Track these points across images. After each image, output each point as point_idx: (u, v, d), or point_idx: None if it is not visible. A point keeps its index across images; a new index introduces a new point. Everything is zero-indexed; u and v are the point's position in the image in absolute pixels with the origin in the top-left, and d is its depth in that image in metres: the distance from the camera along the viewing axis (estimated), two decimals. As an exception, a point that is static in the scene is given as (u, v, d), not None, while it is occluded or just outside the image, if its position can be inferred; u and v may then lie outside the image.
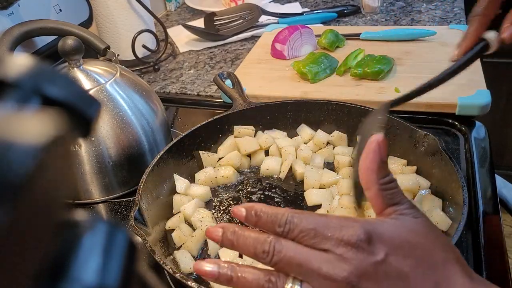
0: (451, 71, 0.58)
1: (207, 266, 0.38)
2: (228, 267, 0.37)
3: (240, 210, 0.39)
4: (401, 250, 0.35)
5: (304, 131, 0.80)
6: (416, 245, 0.36)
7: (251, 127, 0.79)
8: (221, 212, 0.70)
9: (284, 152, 0.76)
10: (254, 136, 0.80)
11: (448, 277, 0.36)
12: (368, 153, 0.39)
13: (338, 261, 0.34)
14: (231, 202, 0.72)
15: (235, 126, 0.79)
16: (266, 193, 0.72)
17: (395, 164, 0.71)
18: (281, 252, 0.36)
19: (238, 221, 0.56)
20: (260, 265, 0.38)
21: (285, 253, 0.36)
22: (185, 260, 0.61)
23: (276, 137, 0.80)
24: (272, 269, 0.37)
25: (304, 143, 0.79)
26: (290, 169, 0.75)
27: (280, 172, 0.75)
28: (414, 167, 0.70)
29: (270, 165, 0.75)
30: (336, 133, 0.79)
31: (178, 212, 0.69)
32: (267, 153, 0.79)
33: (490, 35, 0.56)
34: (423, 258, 0.36)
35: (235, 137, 0.79)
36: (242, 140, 0.77)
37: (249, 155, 0.79)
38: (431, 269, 0.36)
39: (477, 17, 0.57)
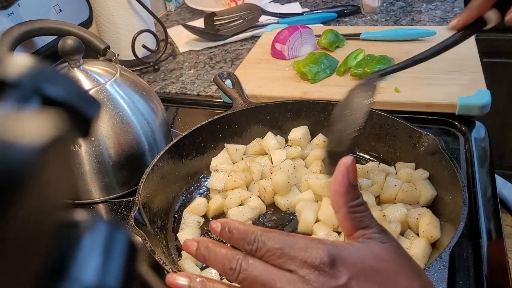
0: (448, 44, 0.62)
1: (180, 280, 0.40)
2: (199, 282, 0.39)
3: (217, 225, 0.41)
4: (363, 275, 0.36)
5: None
6: (379, 271, 0.37)
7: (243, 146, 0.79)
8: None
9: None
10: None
11: None
12: (337, 176, 0.39)
13: (301, 283, 0.35)
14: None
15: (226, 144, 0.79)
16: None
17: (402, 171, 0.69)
18: (247, 270, 0.37)
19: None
20: None
21: (251, 271, 0.37)
22: (191, 268, 0.60)
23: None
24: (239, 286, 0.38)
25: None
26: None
27: None
28: (427, 173, 0.67)
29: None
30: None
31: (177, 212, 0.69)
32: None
33: (492, 15, 0.55)
34: (385, 284, 0.36)
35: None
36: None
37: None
38: None
39: None
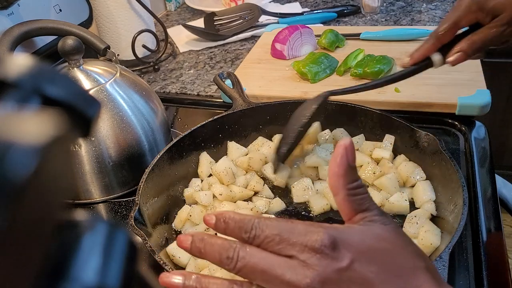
0: (396, 77, 0.70)
1: (174, 278, 0.38)
2: (194, 279, 0.38)
3: (211, 217, 0.39)
4: (366, 257, 0.35)
5: None
6: (383, 252, 0.36)
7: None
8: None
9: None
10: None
11: (416, 285, 0.35)
12: (335, 157, 0.38)
13: (302, 268, 0.34)
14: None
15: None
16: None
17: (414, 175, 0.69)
18: (245, 258, 0.36)
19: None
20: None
21: (249, 259, 0.35)
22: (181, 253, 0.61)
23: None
24: (239, 278, 0.37)
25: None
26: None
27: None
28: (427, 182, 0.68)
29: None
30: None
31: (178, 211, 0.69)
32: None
33: (436, 58, 0.66)
34: (390, 265, 0.35)
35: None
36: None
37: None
38: (398, 276, 0.35)
39: (432, 38, 0.66)
